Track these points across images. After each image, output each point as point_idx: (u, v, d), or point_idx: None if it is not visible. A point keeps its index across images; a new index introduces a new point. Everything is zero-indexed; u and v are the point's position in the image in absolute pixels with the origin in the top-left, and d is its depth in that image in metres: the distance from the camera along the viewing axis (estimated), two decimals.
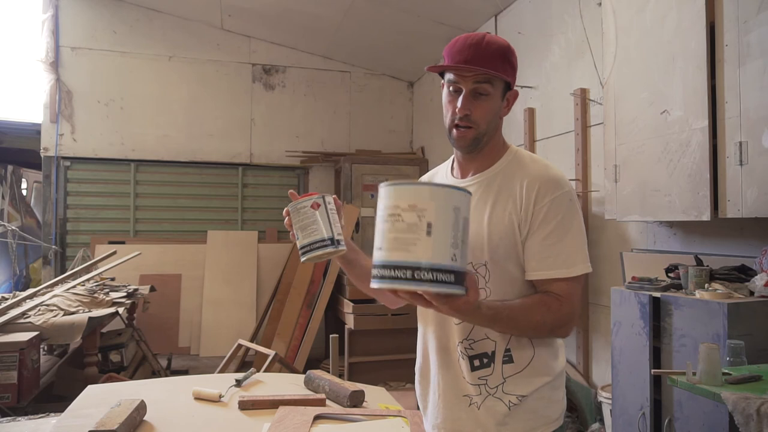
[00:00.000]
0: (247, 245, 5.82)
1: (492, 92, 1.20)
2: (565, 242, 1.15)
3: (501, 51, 1.20)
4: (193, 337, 5.52)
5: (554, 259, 1.15)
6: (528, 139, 4.00)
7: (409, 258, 0.91)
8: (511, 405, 1.17)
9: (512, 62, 1.23)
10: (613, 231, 3.25)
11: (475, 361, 1.19)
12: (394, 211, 0.93)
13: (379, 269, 0.93)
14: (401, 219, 0.93)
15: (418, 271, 0.90)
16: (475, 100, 1.19)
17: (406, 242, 0.92)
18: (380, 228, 0.95)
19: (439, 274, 0.91)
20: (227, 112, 5.90)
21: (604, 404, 3.01)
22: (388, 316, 4.50)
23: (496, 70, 1.18)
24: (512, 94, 1.26)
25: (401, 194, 0.94)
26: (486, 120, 1.21)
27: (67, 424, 1.27)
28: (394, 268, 0.91)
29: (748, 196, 2.15)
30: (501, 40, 1.22)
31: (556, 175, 1.20)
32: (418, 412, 1.29)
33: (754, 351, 1.91)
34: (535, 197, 1.17)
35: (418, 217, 0.92)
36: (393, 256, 0.92)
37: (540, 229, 1.16)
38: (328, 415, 1.32)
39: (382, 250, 0.93)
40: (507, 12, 4.36)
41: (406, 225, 0.92)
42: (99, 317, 3.31)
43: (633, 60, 2.77)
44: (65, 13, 5.49)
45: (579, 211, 1.20)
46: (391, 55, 5.87)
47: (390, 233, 0.93)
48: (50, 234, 5.43)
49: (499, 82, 1.21)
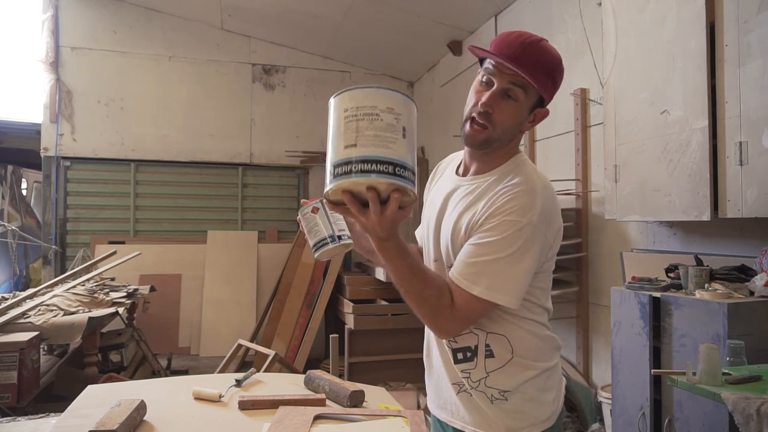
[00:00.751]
0: (247, 245, 5.82)
1: (522, 100, 1.14)
2: (483, 259, 1.10)
3: (550, 64, 1.14)
4: (193, 337, 5.53)
5: (463, 266, 1.11)
6: (528, 139, 4.00)
7: (391, 154, 0.93)
8: (493, 399, 1.18)
9: (555, 80, 1.17)
10: (613, 231, 3.25)
11: (458, 354, 1.21)
12: (371, 111, 0.94)
13: (359, 164, 0.92)
14: (380, 119, 0.94)
15: (399, 167, 0.93)
16: (502, 101, 1.14)
17: (387, 140, 0.93)
18: (351, 126, 0.94)
19: (411, 174, 0.96)
20: (227, 112, 5.91)
21: (604, 404, 3.01)
22: (388, 316, 4.50)
23: (536, 81, 1.11)
24: (542, 112, 1.20)
25: (379, 96, 0.96)
26: (504, 125, 1.15)
27: (67, 424, 1.27)
28: (375, 162, 0.92)
29: (748, 196, 2.15)
30: (554, 54, 1.15)
31: (527, 201, 1.11)
32: (419, 412, 1.30)
33: (754, 351, 1.91)
34: (493, 211, 1.12)
35: (395, 119, 0.95)
36: (374, 151, 0.92)
37: (476, 237, 1.12)
38: (328, 415, 1.32)
39: (357, 146, 0.93)
40: (507, 12, 4.36)
41: (385, 124, 0.94)
42: (99, 317, 3.31)
43: (633, 60, 2.77)
44: (65, 13, 5.49)
45: (529, 245, 1.10)
46: (391, 55, 5.87)
47: (368, 130, 0.93)
48: (50, 234, 5.43)
49: (533, 92, 1.14)
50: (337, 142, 0.96)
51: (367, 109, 0.95)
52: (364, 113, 0.94)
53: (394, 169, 0.93)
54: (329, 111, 1.00)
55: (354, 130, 0.94)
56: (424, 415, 1.32)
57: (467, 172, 1.29)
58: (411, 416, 1.28)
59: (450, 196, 1.27)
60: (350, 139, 0.94)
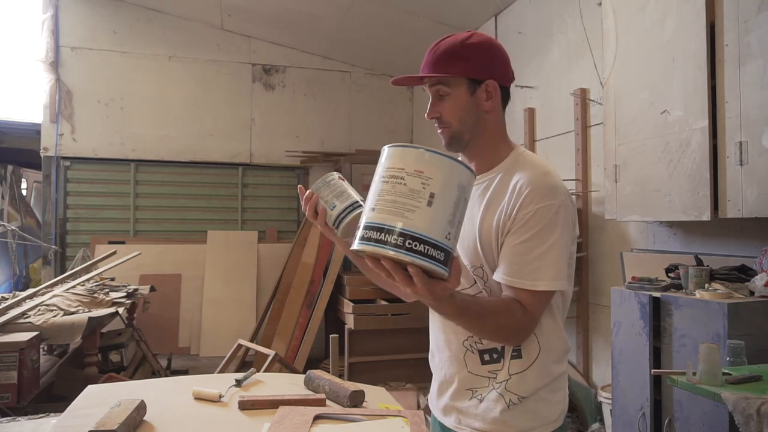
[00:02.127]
0: (247, 245, 5.82)
1: (451, 91, 1.20)
2: (535, 254, 1.11)
3: (450, 50, 1.20)
4: (193, 337, 5.52)
5: (519, 268, 1.12)
6: (528, 139, 4.00)
7: (405, 225, 0.84)
8: (510, 404, 1.18)
9: (468, 55, 1.19)
10: (613, 231, 3.25)
11: (485, 356, 1.21)
12: (397, 173, 0.88)
13: (367, 230, 0.86)
14: (404, 182, 0.87)
15: (411, 240, 0.84)
16: (441, 103, 1.22)
17: (404, 207, 0.86)
18: (377, 188, 0.90)
19: (431, 249, 0.85)
20: (227, 112, 5.90)
21: (604, 404, 3.01)
22: (388, 316, 4.50)
23: (446, 71, 1.19)
24: (490, 84, 1.20)
25: (409, 157, 0.89)
26: (456, 118, 1.21)
27: (67, 424, 1.27)
28: (386, 231, 0.85)
29: (748, 196, 2.15)
30: (456, 38, 1.21)
31: (550, 183, 1.15)
32: (419, 412, 1.30)
33: (754, 351, 1.91)
34: (522, 203, 1.13)
35: (422, 184, 0.87)
36: (387, 219, 0.85)
37: (516, 235, 1.13)
38: (328, 415, 1.32)
39: (375, 211, 0.87)
40: (507, 12, 4.36)
41: (408, 189, 0.86)
42: (99, 317, 3.31)
43: (633, 60, 2.77)
44: (65, 13, 5.49)
45: (565, 224, 1.14)
46: (391, 55, 5.87)
47: (388, 195, 0.87)
48: (50, 234, 5.43)
49: (455, 80, 1.19)
50: (368, 200, 0.91)
51: (395, 170, 0.89)
52: (391, 175, 0.89)
53: (404, 242, 0.84)
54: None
55: (376, 193, 0.89)
56: (424, 415, 1.32)
57: None
58: (411, 416, 1.28)
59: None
60: (371, 201, 0.90)
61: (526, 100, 4.05)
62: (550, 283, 1.12)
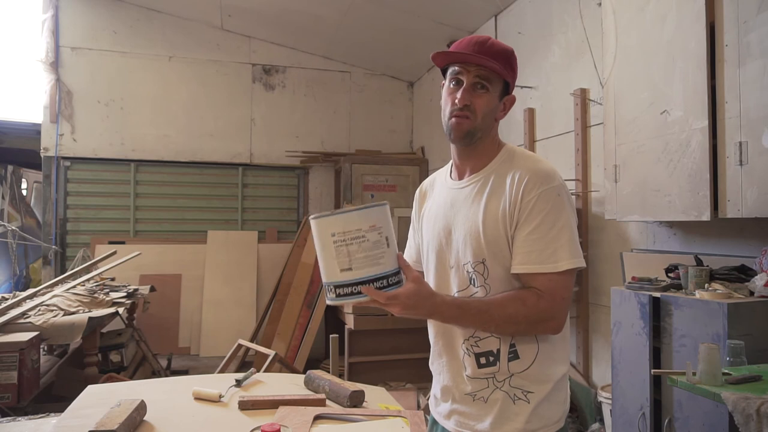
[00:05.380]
0: (247, 245, 5.82)
1: (491, 89, 1.23)
2: (549, 237, 1.15)
3: (505, 53, 1.24)
4: (193, 337, 5.53)
5: (537, 254, 1.15)
6: (528, 139, 4.00)
7: (380, 270, 1.07)
8: (516, 399, 1.18)
9: (513, 66, 1.27)
10: (613, 231, 3.25)
11: (481, 359, 1.21)
12: (357, 234, 1.06)
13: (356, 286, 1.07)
14: (366, 239, 1.07)
15: (391, 277, 1.08)
16: (475, 93, 1.22)
17: (375, 257, 1.07)
18: (343, 251, 1.07)
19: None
20: (227, 112, 5.91)
21: (604, 404, 3.01)
22: (388, 316, 4.49)
23: (498, 68, 1.21)
24: (509, 98, 1.29)
25: (362, 218, 1.08)
26: (483, 113, 1.23)
27: (67, 424, 1.27)
28: (372, 281, 1.07)
29: (748, 196, 2.15)
30: (505, 44, 1.26)
31: (545, 168, 1.20)
32: (419, 412, 1.30)
33: (754, 351, 1.91)
34: (523, 190, 1.17)
35: (379, 234, 1.08)
36: (369, 272, 1.06)
37: (526, 223, 1.16)
38: (328, 415, 1.32)
39: (353, 270, 1.07)
40: (507, 12, 4.36)
41: (372, 243, 1.07)
42: (99, 317, 3.31)
43: (633, 60, 2.77)
44: (65, 13, 5.49)
45: (568, 206, 1.18)
46: (391, 55, 5.87)
47: (359, 253, 1.06)
48: (50, 234, 5.43)
49: (498, 81, 1.24)
50: (332, 264, 1.08)
51: (353, 233, 1.07)
52: (352, 237, 1.07)
53: (387, 280, 1.08)
54: (315, 234, 1.11)
55: (346, 255, 1.07)
56: (423, 415, 1.32)
57: (463, 174, 1.30)
58: (411, 416, 1.28)
59: (456, 201, 1.28)
60: (344, 263, 1.07)
61: (526, 100, 4.05)
62: (570, 261, 1.15)
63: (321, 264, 1.11)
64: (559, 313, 1.16)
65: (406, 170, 5.89)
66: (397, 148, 6.37)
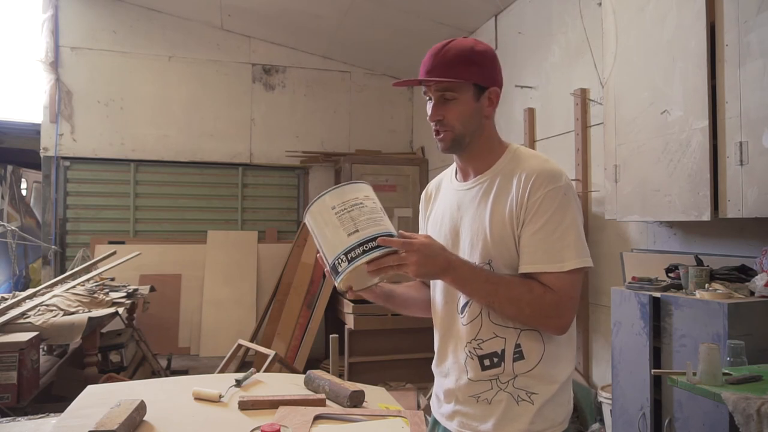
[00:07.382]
0: (247, 245, 5.82)
1: (458, 96, 1.22)
2: (555, 236, 1.14)
3: (461, 55, 1.21)
4: (193, 337, 5.52)
5: (544, 254, 1.15)
6: (528, 139, 4.00)
7: (384, 229, 1.14)
8: (519, 400, 1.18)
9: (478, 62, 1.23)
10: (613, 231, 3.25)
11: (485, 361, 1.21)
12: (355, 201, 1.16)
13: (367, 243, 1.11)
14: (365, 206, 1.16)
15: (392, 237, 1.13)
16: (445, 105, 1.23)
17: (377, 220, 1.15)
18: (347, 217, 1.14)
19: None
20: (227, 112, 5.90)
21: (604, 404, 3.01)
22: (388, 316, 4.49)
23: (457, 76, 1.20)
24: (492, 92, 1.25)
25: (356, 190, 1.18)
26: (460, 121, 1.23)
27: (67, 424, 1.27)
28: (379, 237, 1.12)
29: (748, 196, 2.15)
30: (464, 44, 1.23)
31: (552, 168, 1.19)
32: (419, 412, 1.30)
33: (754, 351, 1.91)
34: (530, 190, 1.17)
35: (373, 203, 1.18)
36: (374, 230, 1.13)
37: (532, 223, 1.16)
38: (328, 415, 1.32)
39: (359, 231, 1.13)
40: (507, 12, 4.36)
41: (370, 209, 1.16)
42: (99, 317, 3.31)
43: (633, 60, 2.77)
44: (65, 13, 5.49)
45: (575, 205, 1.18)
46: (391, 55, 5.86)
47: (361, 217, 1.14)
48: (50, 234, 5.43)
49: (464, 85, 1.22)
50: (339, 234, 1.13)
51: (352, 201, 1.16)
52: (351, 205, 1.15)
53: (391, 236, 1.13)
54: (314, 218, 1.18)
55: (350, 220, 1.14)
56: (423, 415, 1.32)
57: (467, 176, 1.30)
58: (411, 416, 1.28)
59: (462, 203, 1.28)
60: (350, 228, 1.13)
61: (526, 100, 4.05)
62: (577, 260, 1.15)
63: (326, 244, 1.15)
64: (565, 312, 1.16)
65: (406, 170, 5.89)
66: (397, 148, 6.37)
